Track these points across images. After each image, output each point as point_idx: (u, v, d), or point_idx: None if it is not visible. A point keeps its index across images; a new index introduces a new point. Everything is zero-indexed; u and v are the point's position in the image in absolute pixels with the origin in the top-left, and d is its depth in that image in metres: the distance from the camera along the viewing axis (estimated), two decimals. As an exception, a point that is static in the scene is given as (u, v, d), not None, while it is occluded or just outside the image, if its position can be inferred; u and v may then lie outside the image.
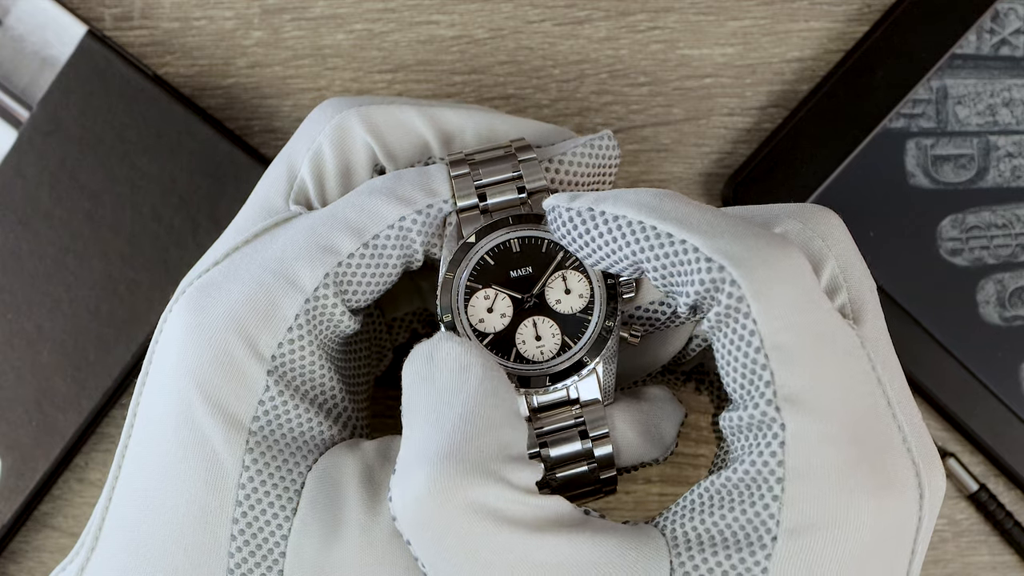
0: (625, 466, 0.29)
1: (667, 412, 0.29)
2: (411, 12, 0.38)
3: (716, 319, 0.24)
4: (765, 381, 0.24)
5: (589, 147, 0.29)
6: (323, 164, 0.29)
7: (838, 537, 0.23)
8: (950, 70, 0.38)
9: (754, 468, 0.24)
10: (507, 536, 0.23)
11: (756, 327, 0.24)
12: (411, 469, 0.24)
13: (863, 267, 0.26)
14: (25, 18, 0.36)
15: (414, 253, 0.28)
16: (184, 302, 0.27)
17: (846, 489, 0.23)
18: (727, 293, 0.24)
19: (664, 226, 0.25)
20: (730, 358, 0.25)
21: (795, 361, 0.24)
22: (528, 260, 0.28)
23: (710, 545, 0.24)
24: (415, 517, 0.23)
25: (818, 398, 0.24)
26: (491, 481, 0.23)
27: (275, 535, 0.26)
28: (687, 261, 0.24)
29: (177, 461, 0.26)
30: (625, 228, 0.25)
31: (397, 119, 0.29)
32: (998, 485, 0.38)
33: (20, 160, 0.36)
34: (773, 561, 0.23)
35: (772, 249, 0.24)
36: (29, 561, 0.37)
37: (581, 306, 0.27)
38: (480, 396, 0.24)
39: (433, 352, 0.25)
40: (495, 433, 0.24)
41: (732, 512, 0.24)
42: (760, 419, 0.24)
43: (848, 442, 0.24)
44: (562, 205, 0.26)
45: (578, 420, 0.27)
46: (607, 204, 0.26)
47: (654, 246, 0.25)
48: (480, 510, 0.23)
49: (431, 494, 0.23)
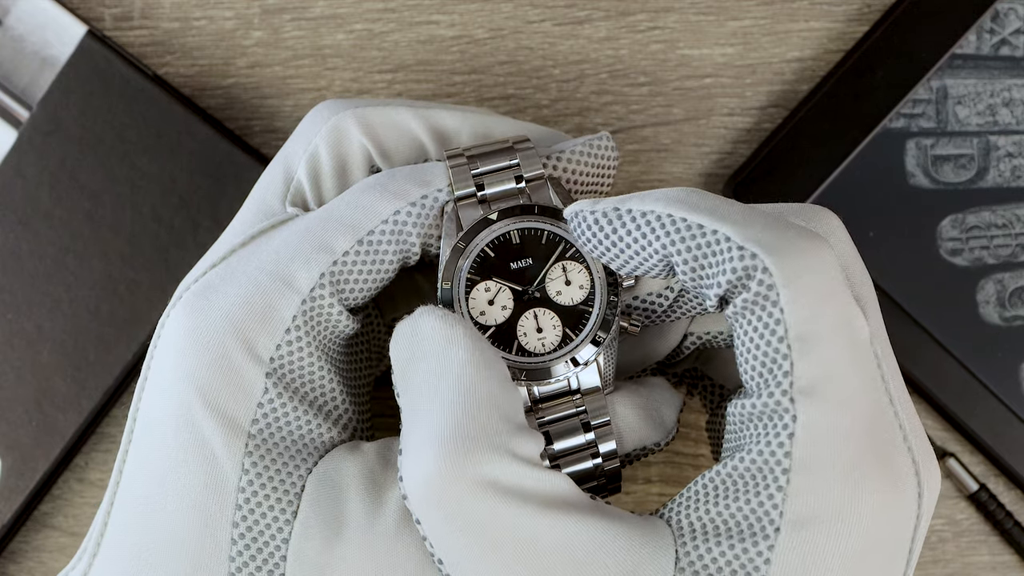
0: (627, 452, 0.29)
1: (666, 397, 0.29)
2: (411, 12, 0.38)
3: (743, 305, 0.24)
4: (784, 371, 0.24)
5: (588, 147, 0.29)
6: (319, 165, 0.29)
7: (841, 531, 0.23)
8: (950, 70, 0.38)
9: (761, 458, 0.24)
10: (516, 512, 0.23)
11: (783, 316, 0.24)
12: (419, 449, 0.24)
13: (863, 267, 0.26)
14: (25, 18, 0.36)
15: (410, 247, 0.27)
16: (182, 306, 0.27)
17: (851, 483, 0.23)
18: (758, 280, 0.24)
19: (695, 217, 0.25)
20: (751, 345, 0.24)
21: (816, 352, 0.24)
22: (528, 252, 0.28)
23: (714, 534, 0.24)
24: (425, 495, 0.23)
25: (833, 391, 0.24)
26: (498, 455, 0.23)
27: (276, 538, 0.26)
28: (719, 251, 0.24)
29: (177, 465, 0.26)
30: (655, 223, 0.25)
31: (393, 121, 0.29)
32: (998, 485, 0.38)
33: (20, 160, 0.36)
34: (776, 552, 0.23)
35: (804, 240, 0.24)
36: (29, 561, 0.37)
37: (582, 297, 0.27)
38: (472, 368, 0.24)
39: (416, 328, 0.25)
40: (494, 404, 0.24)
41: (737, 502, 0.24)
42: (774, 408, 0.24)
43: (856, 437, 0.24)
44: (586, 209, 0.26)
45: (579, 409, 0.27)
46: (633, 202, 0.26)
47: (685, 238, 0.25)
48: (490, 486, 0.23)
49: (441, 472, 0.23)
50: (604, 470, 0.28)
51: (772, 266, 0.24)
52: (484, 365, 0.25)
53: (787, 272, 0.24)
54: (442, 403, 0.24)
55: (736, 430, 0.25)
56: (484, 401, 0.24)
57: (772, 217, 0.25)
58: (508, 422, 0.24)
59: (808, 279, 0.24)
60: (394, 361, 0.26)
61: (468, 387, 0.24)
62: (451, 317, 0.25)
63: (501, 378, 0.25)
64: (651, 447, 0.29)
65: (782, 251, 0.24)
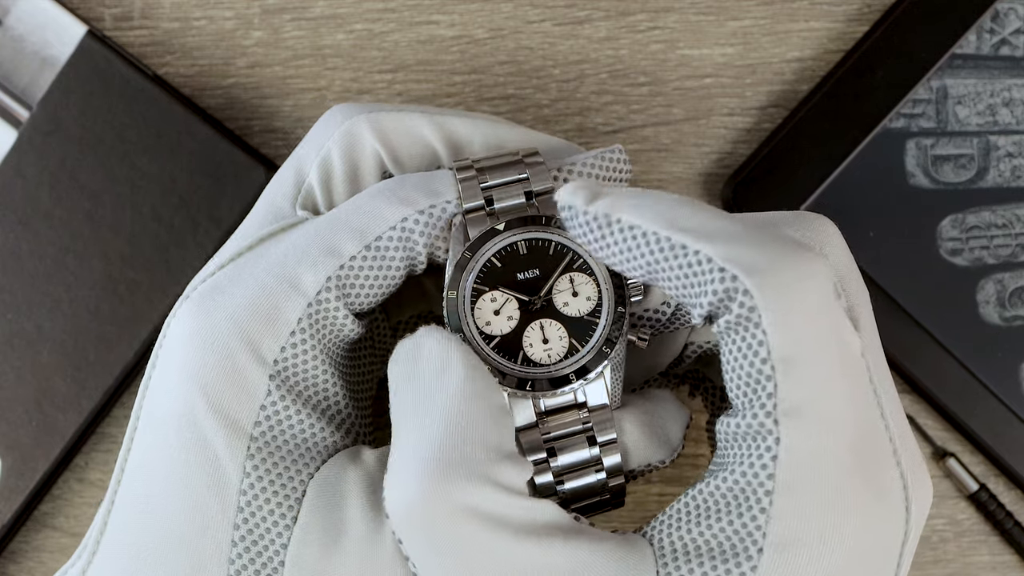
0: (632, 469, 0.28)
1: (672, 414, 0.29)
2: (411, 12, 0.38)
3: (726, 326, 0.24)
4: (767, 392, 0.24)
5: (600, 159, 0.28)
6: (331, 170, 0.29)
7: (824, 552, 0.23)
8: (950, 70, 0.38)
9: (744, 479, 0.24)
10: (496, 539, 0.23)
11: (765, 338, 0.23)
12: (402, 472, 0.24)
13: (858, 276, 0.26)
14: (25, 18, 0.36)
15: (417, 255, 0.27)
16: (188, 306, 0.27)
17: (833, 506, 0.23)
18: (739, 303, 0.24)
19: (679, 237, 0.24)
20: (735, 364, 0.24)
21: (800, 374, 0.23)
22: (535, 262, 0.27)
23: (696, 555, 0.24)
24: (406, 517, 0.23)
25: (818, 412, 0.23)
26: (480, 484, 0.23)
27: (275, 543, 0.26)
28: (701, 272, 0.24)
29: (179, 465, 0.26)
30: (640, 239, 0.25)
31: (406, 127, 0.29)
32: (998, 485, 0.38)
33: (20, 160, 0.36)
34: (759, 574, 0.23)
35: (791, 257, 0.24)
36: (29, 561, 0.37)
37: (589, 309, 0.27)
38: (463, 396, 0.24)
39: (416, 350, 0.25)
40: (481, 434, 0.24)
41: (719, 523, 0.24)
42: (757, 429, 0.24)
43: (841, 457, 0.24)
44: (579, 206, 0.26)
45: (586, 425, 0.27)
46: (624, 212, 0.25)
47: (668, 257, 0.25)
48: (470, 513, 0.23)
49: (421, 498, 0.23)
50: (608, 486, 0.27)
51: (753, 288, 0.23)
52: (475, 394, 0.25)
53: (769, 294, 0.23)
54: (427, 427, 0.24)
55: (724, 447, 0.25)
56: (470, 430, 0.24)
57: (762, 232, 0.25)
58: (492, 451, 0.24)
59: (792, 299, 0.23)
60: (391, 380, 0.26)
61: (456, 414, 0.24)
62: (450, 341, 0.25)
63: (493, 407, 0.25)
64: (656, 464, 0.29)
65: (765, 271, 0.24)
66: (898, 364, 0.37)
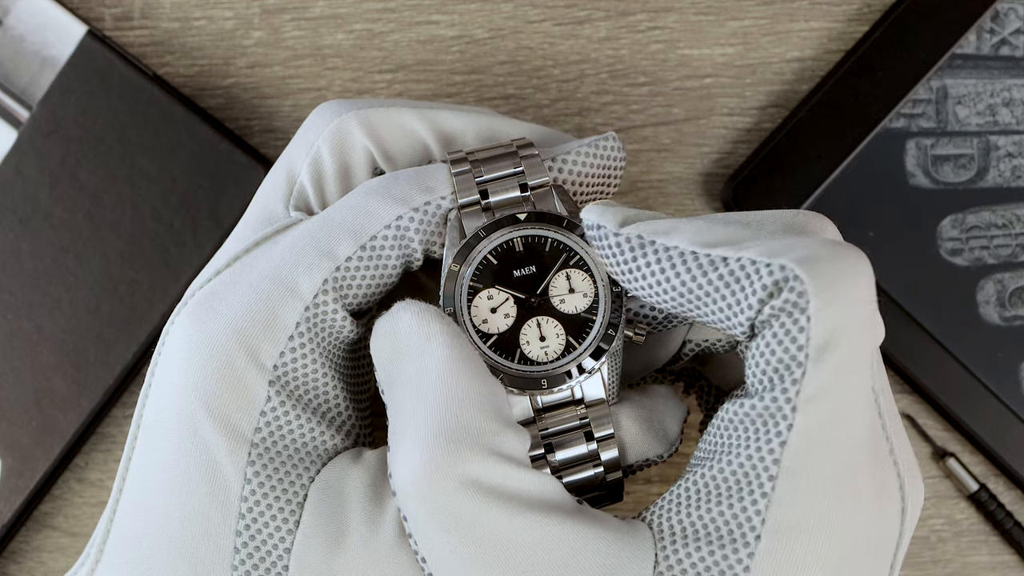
0: (630, 464, 0.29)
1: (670, 408, 0.29)
2: (411, 12, 0.38)
3: (770, 312, 0.24)
4: (793, 378, 0.24)
5: (593, 147, 0.28)
6: (322, 168, 0.29)
7: (821, 542, 0.23)
8: (950, 70, 0.38)
9: (749, 462, 0.24)
10: (497, 512, 0.23)
11: (808, 324, 0.23)
12: (406, 447, 0.24)
13: None
14: (25, 18, 0.36)
15: (413, 253, 0.27)
16: (186, 313, 0.27)
17: (836, 496, 0.23)
18: (789, 287, 0.23)
19: (718, 251, 0.25)
20: (767, 349, 0.24)
21: (830, 363, 0.23)
22: (531, 259, 0.27)
23: (694, 539, 0.24)
24: (411, 491, 0.24)
25: (834, 403, 0.23)
26: (482, 455, 0.23)
27: (278, 548, 0.26)
28: (744, 276, 0.24)
29: (180, 473, 0.26)
30: (677, 259, 0.25)
31: (396, 122, 0.29)
32: (998, 485, 0.38)
33: (20, 160, 0.36)
34: (756, 559, 0.23)
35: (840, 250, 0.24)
36: (29, 561, 0.37)
37: (585, 305, 0.27)
38: (453, 363, 0.24)
39: (394, 325, 0.25)
40: (477, 402, 0.24)
41: (719, 507, 0.24)
42: (773, 413, 0.24)
43: (847, 449, 0.24)
44: (608, 228, 0.26)
45: (583, 420, 0.27)
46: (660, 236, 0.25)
47: (707, 272, 0.25)
48: (473, 485, 0.23)
49: (426, 470, 0.23)
50: (606, 481, 0.27)
51: (805, 275, 0.23)
52: (463, 361, 0.25)
53: (820, 282, 0.23)
54: (426, 403, 0.24)
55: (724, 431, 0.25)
56: (467, 399, 0.24)
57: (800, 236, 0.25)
58: (493, 419, 0.24)
59: (842, 289, 0.23)
60: (376, 359, 0.26)
61: (450, 385, 0.24)
62: (427, 313, 0.25)
63: (482, 372, 0.25)
64: (654, 459, 0.29)
65: (819, 260, 0.24)
66: (898, 364, 0.37)
